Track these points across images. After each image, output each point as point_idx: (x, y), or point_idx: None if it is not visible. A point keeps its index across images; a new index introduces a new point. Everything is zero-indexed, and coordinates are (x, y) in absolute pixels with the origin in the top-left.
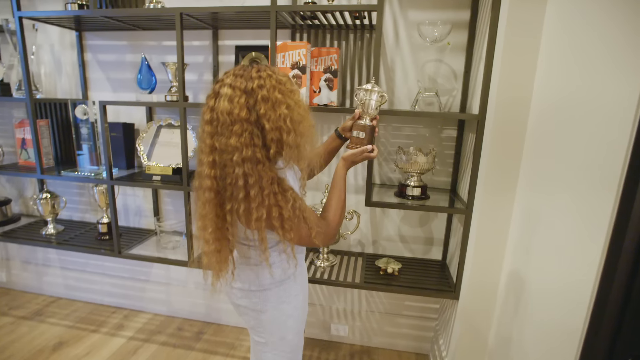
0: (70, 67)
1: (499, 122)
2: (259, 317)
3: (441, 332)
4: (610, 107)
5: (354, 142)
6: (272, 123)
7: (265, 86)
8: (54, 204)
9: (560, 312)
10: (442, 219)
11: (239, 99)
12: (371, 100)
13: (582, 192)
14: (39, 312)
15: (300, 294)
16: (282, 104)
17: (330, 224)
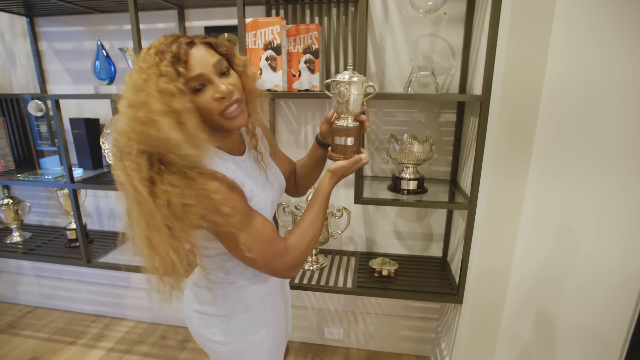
0: (25, 59)
1: (505, 102)
2: (220, 350)
3: (443, 334)
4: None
5: (339, 151)
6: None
7: (136, 68)
8: (17, 210)
9: (598, 315)
10: (441, 213)
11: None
12: (352, 95)
13: (616, 173)
14: (12, 325)
15: (273, 320)
16: (143, 74)
17: (290, 251)
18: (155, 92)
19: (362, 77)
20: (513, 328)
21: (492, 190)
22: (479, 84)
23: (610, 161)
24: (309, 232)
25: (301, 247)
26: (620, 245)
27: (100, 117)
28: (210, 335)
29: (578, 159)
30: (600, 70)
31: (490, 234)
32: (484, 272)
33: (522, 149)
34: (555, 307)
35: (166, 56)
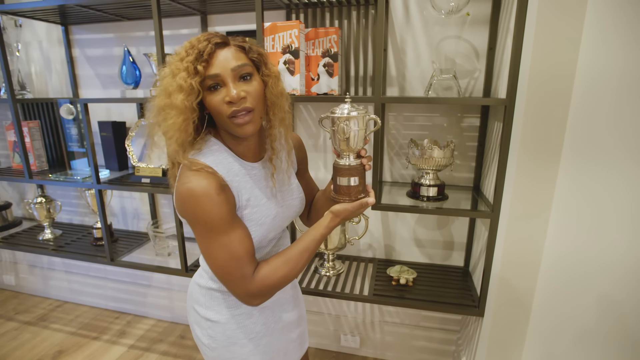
0: (60, 65)
1: (532, 106)
2: (207, 353)
3: (464, 347)
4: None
5: (343, 192)
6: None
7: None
8: (49, 208)
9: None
10: (463, 221)
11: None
12: (352, 131)
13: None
14: (43, 317)
15: (265, 337)
16: (168, 67)
17: (257, 280)
18: (170, 83)
19: (362, 110)
20: (539, 344)
21: (517, 198)
22: (504, 87)
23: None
24: (285, 268)
25: (270, 281)
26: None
27: (126, 120)
28: (200, 336)
29: (613, 165)
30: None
31: (514, 244)
32: (507, 284)
33: (549, 155)
34: (586, 319)
35: (193, 52)
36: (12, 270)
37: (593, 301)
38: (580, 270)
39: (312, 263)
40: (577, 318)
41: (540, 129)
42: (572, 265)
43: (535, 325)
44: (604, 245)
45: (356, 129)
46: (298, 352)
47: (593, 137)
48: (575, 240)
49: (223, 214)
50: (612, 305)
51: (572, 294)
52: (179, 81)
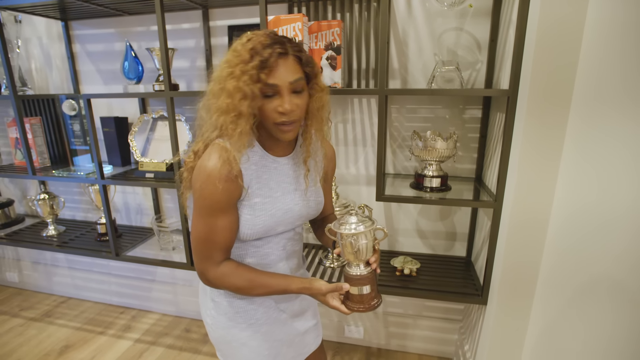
0: (60, 60)
1: (534, 96)
2: (211, 333)
3: (467, 336)
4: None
5: (356, 301)
6: (213, 80)
7: (235, 46)
8: (52, 205)
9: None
10: (465, 211)
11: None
12: (360, 243)
13: None
14: (48, 313)
15: (265, 325)
16: (229, 67)
17: (219, 271)
18: (234, 85)
19: (369, 222)
20: (542, 329)
21: (520, 188)
22: (506, 79)
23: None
24: (243, 283)
25: (225, 280)
26: None
27: (128, 116)
28: (205, 314)
29: (617, 152)
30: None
31: (516, 232)
32: (510, 273)
33: (551, 144)
34: (591, 308)
35: (256, 58)
36: (15, 268)
37: (596, 288)
38: (583, 257)
39: (316, 255)
40: (579, 303)
41: (543, 119)
42: (575, 253)
43: (538, 311)
44: (608, 233)
45: (364, 242)
46: (306, 347)
47: (596, 128)
48: (579, 229)
49: (220, 200)
50: (617, 295)
51: (575, 280)
52: (243, 86)
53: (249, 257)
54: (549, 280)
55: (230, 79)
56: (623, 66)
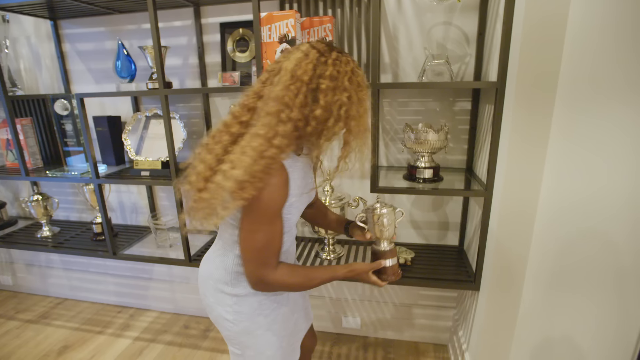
0: (50, 60)
1: (522, 88)
2: (232, 329)
3: (460, 322)
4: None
5: (388, 273)
6: (326, 102)
7: (339, 68)
8: (46, 206)
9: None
10: (457, 201)
11: (307, 63)
12: (387, 222)
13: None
14: (45, 315)
15: (283, 306)
16: (345, 92)
17: (275, 274)
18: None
19: (390, 206)
20: (533, 310)
21: (509, 177)
22: (494, 71)
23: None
24: (300, 280)
25: (284, 281)
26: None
27: (121, 115)
28: (223, 314)
29: (599, 138)
30: (616, 52)
31: (507, 219)
32: (501, 259)
33: (538, 134)
34: (577, 290)
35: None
36: (8, 270)
37: (583, 275)
38: (570, 241)
39: (312, 248)
40: (567, 289)
41: (530, 110)
42: (562, 238)
43: (527, 296)
44: (594, 220)
45: (389, 221)
46: (305, 323)
47: (581, 114)
48: (566, 213)
49: (279, 206)
50: (602, 282)
51: (563, 264)
52: (367, 111)
53: None
54: (537, 266)
55: (363, 108)
56: (604, 58)
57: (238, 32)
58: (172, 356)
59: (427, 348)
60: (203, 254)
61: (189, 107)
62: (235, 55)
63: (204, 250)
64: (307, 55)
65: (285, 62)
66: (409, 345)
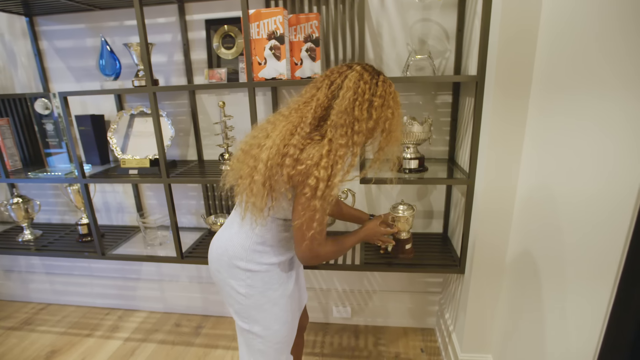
0: (26, 58)
1: (501, 81)
2: (243, 302)
3: (446, 305)
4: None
5: (407, 253)
6: (377, 116)
7: (388, 88)
8: (27, 208)
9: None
10: (441, 190)
11: (364, 83)
12: (409, 219)
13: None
14: (28, 321)
15: (289, 282)
16: (390, 109)
17: (322, 247)
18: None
19: (410, 207)
20: (513, 290)
21: (490, 165)
22: (474, 65)
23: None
24: (339, 251)
25: (329, 252)
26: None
27: (105, 113)
28: (237, 287)
29: (575, 121)
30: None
31: (488, 204)
32: (484, 241)
33: (516, 124)
34: (556, 264)
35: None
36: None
37: (558, 258)
38: (549, 223)
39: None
40: (546, 259)
41: (509, 100)
42: (541, 219)
43: (509, 273)
44: (569, 196)
45: (410, 218)
46: (303, 301)
47: (555, 100)
48: (543, 196)
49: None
50: (576, 265)
51: (542, 246)
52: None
53: (287, 230)
54: (516, 248)
55: (397, 120)
56: (574, 51)
57: (223, 28)
58: (166, 354)
59: (415, 332)
60: (195, 250)
61: (175, 104)
62: (221, 52)
63: (195, 247)
64: (362, 75)
65: (344, 80)
66: (398, 331)
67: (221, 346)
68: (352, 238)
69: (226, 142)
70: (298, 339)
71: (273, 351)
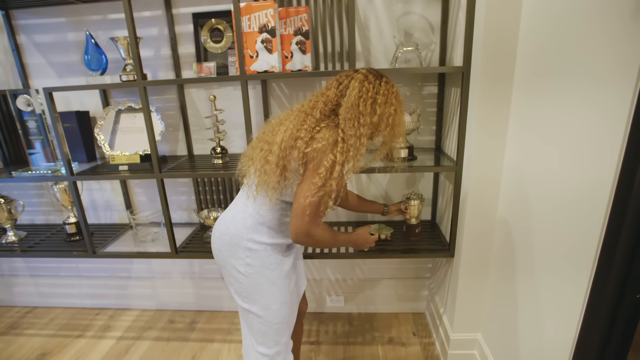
0: (3, 54)
1: (486, 71)
2: (243, 281)
3: (436, 289)
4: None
5: (416, 235)
6: (381, 112)
7: (390, 88)
8: (10, 209)
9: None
10: (429, 178)
11: (369, 83)
12: (418, 208)
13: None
14: (13, 325)
15: (285, 263)
16: (392, 106)
17: (316, 227)
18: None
19: (419, 198)
20: (501, 271)
21: (476, 153)
22: (459, 57)
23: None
24: (329, 240)
25: (320, 236)
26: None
27: (90, 109)
28: (237, 266)
29: (555, 107)
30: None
31: (475, 189)
32: (471, 227)
33: (501, 111)
34: (535, 248)
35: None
36: None
37: (539, 240)
38: (533, 203)
39: None
40: (526, 242)
41: (493, 89)
42: (526, 201)
43: (496, 256)
44: (550, 181)
45: (420, 207)
46: (302, 286)
47: (536, 86)
48: (528, 181)
49: (330, 164)
50: (562, 235)
51: (528, 228)
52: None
53: (288, 216)
54: (502, 231)
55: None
56: (555, 40)
57: (211, 22)
58: (161, 350)
59: (406, 317)
60: (189, 245)
61: (163, 99)
62: (210, 46)
63: (189, 242)
64: (366, 77)
65: (350, 81)
66: (390, 317)
67: (217, 340)
68: (344, 236)
69: (218, 136)
70: (297, 325)
71: (273, 331)
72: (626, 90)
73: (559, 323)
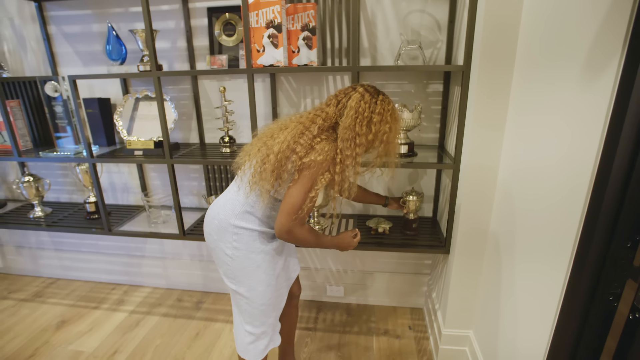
0: (35, 42)
1: (484, 71)
2: (230, 264)
3: (434, 286)
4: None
5: (412, 228)
6: (376, 130)
7: (386, 106)
8: (37, 187)
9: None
10: (431, 176)
11: (365, 103)
12: (416, 204)
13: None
14: (38, 294)
15: (271, 247)
16: (387, 124)
17: (299, 227)
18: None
19: (417, 194)
20: (494, 269)
21: (473, 151)
22: (462, 56)
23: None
24: (312, 241)
25: (302, 236)
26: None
27: (111, 97)
28: (224, 249)
29: (548, 116)
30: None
31: (471, 187)
32: (467, 225)
33: (498, 112)
34: (533, 256)
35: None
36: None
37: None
38: (526, 202)
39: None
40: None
41: (491, 89)
42: (519, 200)
43: (489, 253)
44: (545, 177)
45: (418, 203)
46: (292, 272)
47: (531, 96)
48: (522, 182)
49: (327, 181)
50: (555, 231)
51: (521, 226)
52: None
53: (275, 210)
54: (495, 229)
55: (394, 135)
56: (552, 41)
57: (225, 16)
58: (168, 326)
59: (404, 311)
60: (196, 228)
61: (178, 89)
62: (223, 39)
63: (197, 225)
64: (363, 96)
65: (348, 100)
66: (388, 310)
67: (220, 320)
68: (327, 239)
69: (226, 126)
70: (291, 308)
71: (259, 312)
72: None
73: (536, 324)
